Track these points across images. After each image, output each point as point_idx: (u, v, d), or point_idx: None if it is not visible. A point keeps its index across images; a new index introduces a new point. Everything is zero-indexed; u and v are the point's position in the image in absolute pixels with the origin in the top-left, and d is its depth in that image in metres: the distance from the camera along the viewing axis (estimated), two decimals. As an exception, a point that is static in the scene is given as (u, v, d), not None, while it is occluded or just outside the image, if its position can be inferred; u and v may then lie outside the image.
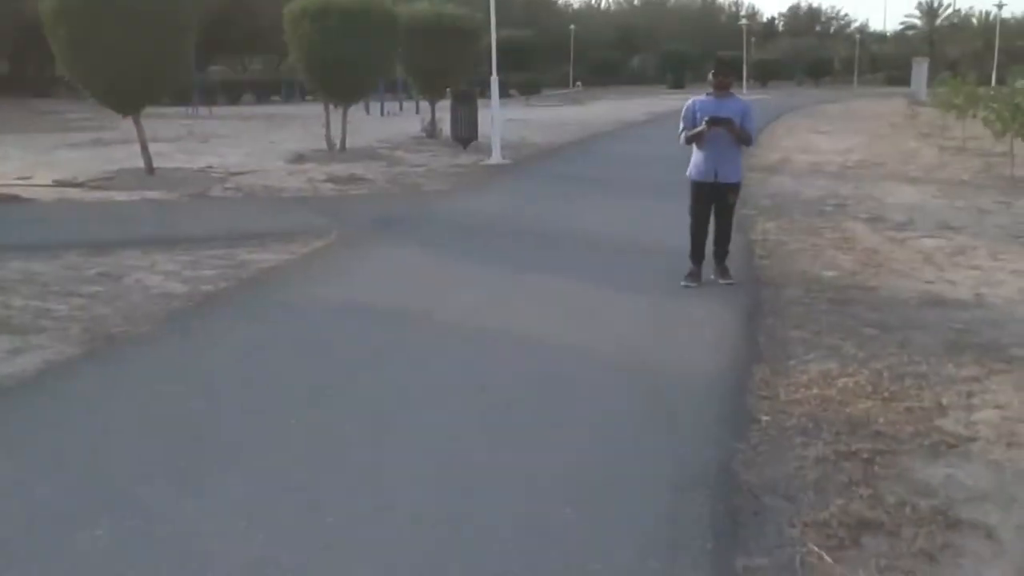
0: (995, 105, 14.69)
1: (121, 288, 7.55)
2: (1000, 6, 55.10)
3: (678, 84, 70.39)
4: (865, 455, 4.34)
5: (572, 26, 70.03)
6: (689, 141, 7.81)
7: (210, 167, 15.65)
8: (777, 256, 8.97)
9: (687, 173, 7.92)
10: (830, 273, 8.21)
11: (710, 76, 7.82)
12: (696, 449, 4.46)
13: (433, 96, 21.83)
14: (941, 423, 4.74)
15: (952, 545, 3.56)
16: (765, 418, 4.82)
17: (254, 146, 20.18)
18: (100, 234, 9.88)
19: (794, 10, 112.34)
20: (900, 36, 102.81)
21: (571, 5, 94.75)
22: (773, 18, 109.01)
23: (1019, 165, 14.91)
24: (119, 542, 3.57)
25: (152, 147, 15.28)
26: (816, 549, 3.51)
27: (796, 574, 3.37)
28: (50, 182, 13.58)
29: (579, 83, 56.06)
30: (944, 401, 5.03)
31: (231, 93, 46.67)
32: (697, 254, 7.78)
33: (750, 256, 8.93)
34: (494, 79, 17.00)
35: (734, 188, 7.84)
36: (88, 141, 22.58)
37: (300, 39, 16.67)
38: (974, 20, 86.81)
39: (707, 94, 7.86)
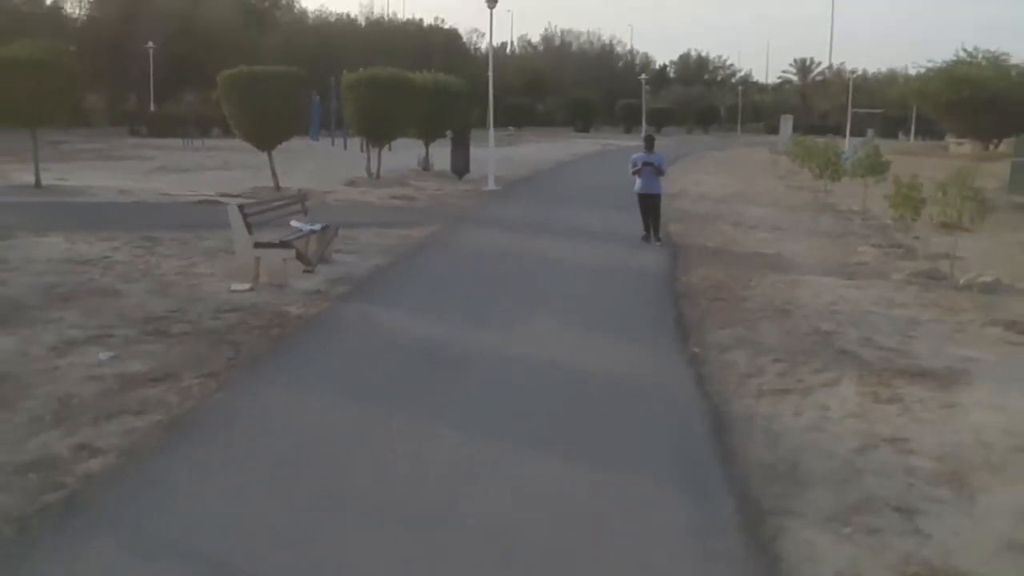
0: (817, 159, 23.15)
1: (363, 241, 15.03)
2: (853, 72, 65.98)
3: (585, 128, 79.29)
4: (724, 295, 12.23)
5: (489, 73, 78.35)
6: (633, 174, 15.83)
7: (301, 188, 22.92)
8: (683, 237, 16.97)
9: (634, 189, 15.98)
10: (711, 244, 16.22)
11: (643, 143, 15.95)
12: (659, 287, 12.37)
13: (428, 139, 29.51)
14: (750, 287, 12.68)
15: (754, 319, 11.44)
16: (683, 279, 12.74)
17: (296, 173, 27.45)
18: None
19: (684, 59, 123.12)
20: (778, 88, 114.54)
21: (479, 50, 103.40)
22: (664, 65, 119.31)
23: (831, 197, 23.40)
24: (510, 301, 11.29)
25: (216, 174, 22.61)
26: (707, 303, 11.38)
27: (706, 315, 11.17)
28: (214, 194, 20.77)
29: (511, 128, 64.13)
30: (752, 282, 12.98)
31: (201, 127, 53.26)
32: (645, 228, 15.88)
33: (669, 237, 16.91)
34: (490, 130, 24.92)
35: (657, 196, 15.89)
36: (157, 168, 29.34)
37: (355, 100, 24.28)
38: (844, 75, 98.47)
39: (642, 150, 15.91)
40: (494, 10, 25.31)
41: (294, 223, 12.40)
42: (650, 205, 15.85)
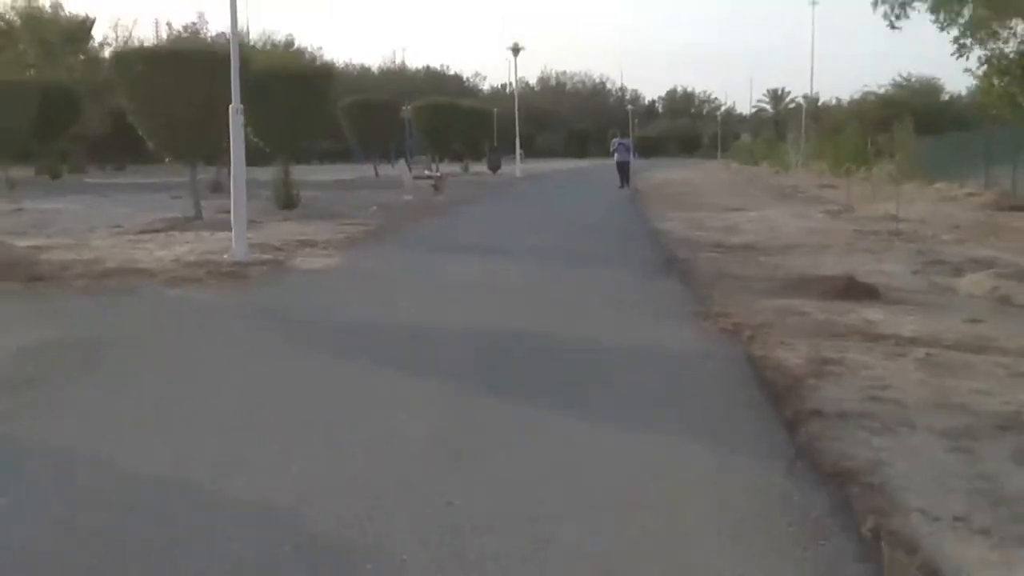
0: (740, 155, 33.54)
1: (450, 194, 25.34)
2: (808, 98, 76.99)
3: (582, 155, 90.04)
4: (661, 203, 22.55)
5: (495, 109, 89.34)
6: (612, 152, 26.41)
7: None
8: (643, 193, 27.30)
9: (614, 160, 26.57)
10: (662, 193, 26.55)
11: (619, 134, 26.59)
12: (626, 202, 22.75)
13: (468, 151, 40.08)
14: (677, 202, 23.02)
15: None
16: (640, 201, 23.12)
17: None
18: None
19: (671, 94, 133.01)
20: (756, 117, 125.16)
21: (482, 91, 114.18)
22: (653, 101, 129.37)
23: (758, 179, 33.80)
24: (545, 203, 21.71)
25: (324, 176, 33.04)
26: (651, 204, 21.72)
27: (647, 206, 21.46)
28: (338, 180, 31.07)
29: (521, 151, 74.85)
30: (679, 202, 23.31)
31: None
32: (620, 181, 26.40)
33: (636, 191, 27.23)
34: (518, 147, 35.51)
35: (628, 163, 26.54)
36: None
37: (428, 125, 34.84)
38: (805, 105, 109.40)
39: (618, 139, 26.53)
40: (505, 54, 35.68)
41: (426, 172, 22.74)
42: (623, 168, 26.28)
